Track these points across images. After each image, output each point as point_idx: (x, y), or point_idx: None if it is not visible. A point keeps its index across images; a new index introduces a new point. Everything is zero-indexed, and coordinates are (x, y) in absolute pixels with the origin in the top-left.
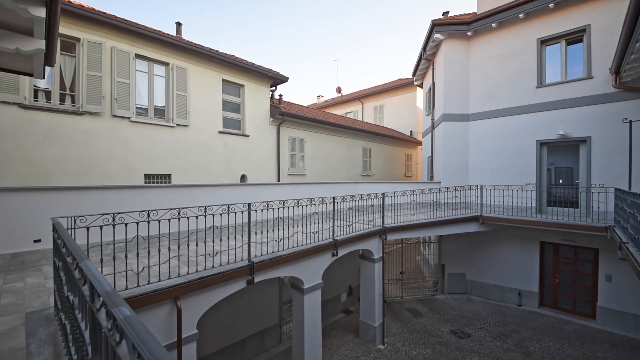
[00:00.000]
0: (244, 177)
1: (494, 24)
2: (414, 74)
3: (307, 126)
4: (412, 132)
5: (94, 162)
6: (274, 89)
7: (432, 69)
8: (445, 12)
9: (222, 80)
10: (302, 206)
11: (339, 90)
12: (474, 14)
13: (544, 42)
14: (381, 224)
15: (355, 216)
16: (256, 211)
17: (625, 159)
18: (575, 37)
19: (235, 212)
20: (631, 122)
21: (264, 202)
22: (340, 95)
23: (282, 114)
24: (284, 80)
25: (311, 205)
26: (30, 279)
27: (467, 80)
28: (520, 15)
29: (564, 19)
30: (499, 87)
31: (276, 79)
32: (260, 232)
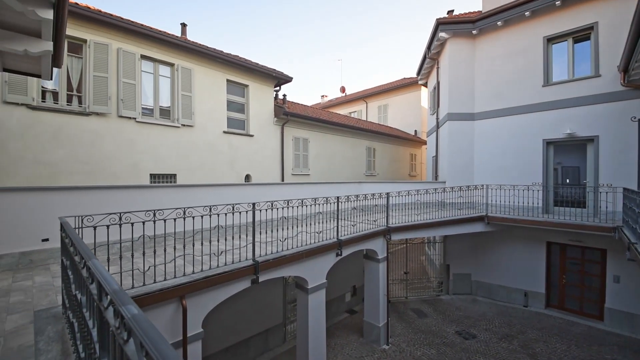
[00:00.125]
0: (248, 177)
1: (499, 22)
2: (418, 73)
3: (311, 126)
4: (416, 131)
5: (101, 162)
6: (278, 88)
7: (437, 68)
8: (450, 11)
9: (227, 80)
10: (306, 206)
11: (342, 89)
12: (479, 12)
13: (551, 40)
14: (385, 224)
15: (359, 216)
16: (260, 211)
17: (634, 158)
18: (582, 35)
19: (239, 212)
20: None
21: (268, 201)
22: (344, 95)
23: (286, 113)
24: (288, 80)
25: (315, 205)
26: (38, 278)
27: (472, 79)
28: (526, 13)
29: (570, 17)
30: (504, 86)
31: (280, 79)
32: (264, 232)
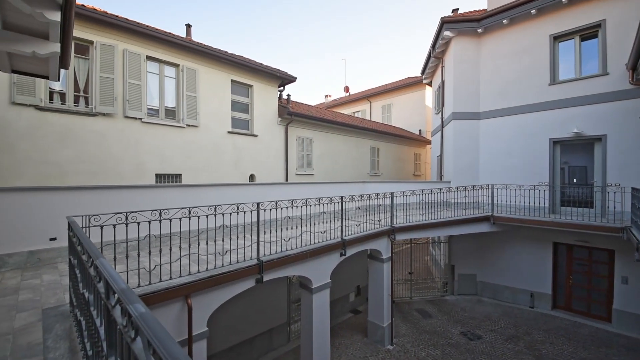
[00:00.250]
0: (252, 177)
1: (505, 21)
2: (423, 72)
3: (315, 126)
4: (421, 131)
5: (107, 162)
6: (282, 88)
7: (442, 67)
8: (454, 9)
9: (231, 80)
10: (310, 206)
11: (346, 89)
12: (484, 10)
13: (557, 38)
14: (390, 224)
15: (363, 216)
16: (265, 210)
17: None
18: (589, 33)
19: (244, 212)
20: None
21: (272, 201)
22: (348, 94)
23: (290, 113)
24: (292, 80)
25: (319, 204)
26: (46, 276)
27: (478, 77)
28: (532, 11)
29: (578, 15)
30: (510, 85)
31: (284, 79)
32: (269, 232)
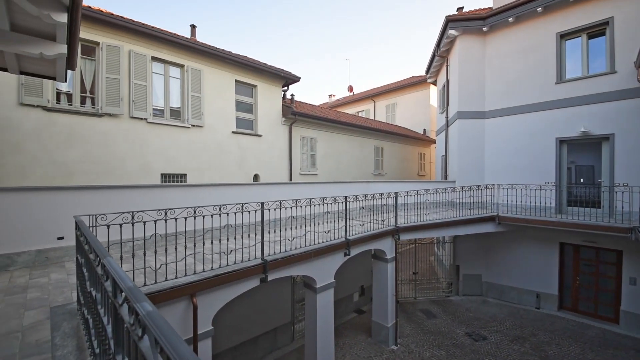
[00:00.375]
0: (256, 177)
1: (510, 19)
2: (427, 71)
3: (319, 125)
4: (425, 130)
5: (113, 162)
6: (286, 88)
7: (446, 66)
8: (459, 8)
9: (235, 81)
10: (314, 205)
11: (350, 89)
12: (490, 9)
13: (564, 36)
14: (394, 224)
15: (367, 216)
16: (269, 210)
17: None
18: (597, 31)
19: (249, 211)
20: None
21: (276, 201)
22: (351, 94)
23: (294, 113)
24: (295, 80)
25: (323, 204)
26: (54, 275)
27: (483, 76)
28: (538, 9)
29: (585, 12)
30: (516, 84)
31: (288, 79)
32: (273, 231)
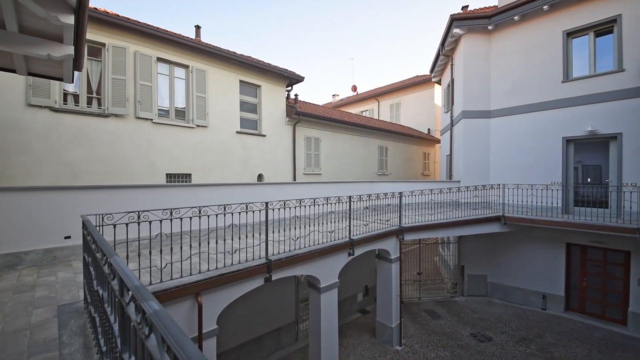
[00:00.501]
0: (260, 177)
1: (516, 17)
2: (432, 71)
3: (323, 125)
4: (429, 130)
5: (119, 162)
6: (289, 88)
7: (451, 65)
8: (464, 6)
9: (240, 81)
10: (318, 205)
11: (354, 88)
12: (495, 7)
13: (571, 34)
14: (398, 224)
15: (371, 215)
16: (273, 210)
17: None
18: (604, 28)
19: (253, 211)
20: None
21: (280, 201)
22: (355, 93)
23: (298, 113)
24: (299, 80)
25: (327, 204)
26: (61, 274)
27: (488, 75)
28: (544, 7)
29: (592, 10)
30: (522, 83)
31: (292, 79)
32: (277, 231)
